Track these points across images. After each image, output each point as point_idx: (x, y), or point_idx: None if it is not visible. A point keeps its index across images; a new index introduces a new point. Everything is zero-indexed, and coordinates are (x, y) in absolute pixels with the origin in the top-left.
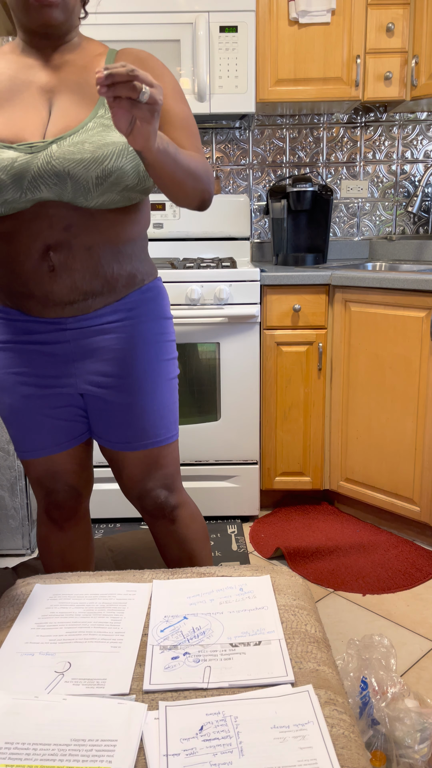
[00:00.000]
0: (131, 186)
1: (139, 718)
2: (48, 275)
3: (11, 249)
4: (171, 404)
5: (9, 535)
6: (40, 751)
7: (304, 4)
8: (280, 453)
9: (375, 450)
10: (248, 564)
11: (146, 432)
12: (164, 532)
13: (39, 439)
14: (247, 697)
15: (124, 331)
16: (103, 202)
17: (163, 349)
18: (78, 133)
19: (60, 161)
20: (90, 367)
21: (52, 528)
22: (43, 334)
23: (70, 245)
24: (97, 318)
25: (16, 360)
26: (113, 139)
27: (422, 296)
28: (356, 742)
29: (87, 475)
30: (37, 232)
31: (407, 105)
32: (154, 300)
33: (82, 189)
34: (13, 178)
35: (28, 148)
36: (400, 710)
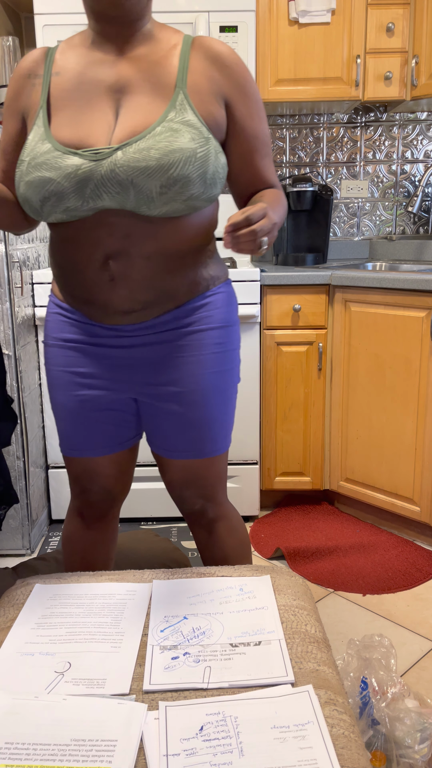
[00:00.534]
0: (197, 195)
1: (139, 718)
2: (107, 284)
3: (74, 255)
4: (220, 417)
5: (9, 535)
6: (40, 751)
7: (304, 4)
8: (280, 453)
9: (375, 450)
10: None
11: (190, 443)
12: (200, 539)
13: (84, 440)
14: (247, 697)
15: (180, 339)
16: (166, 212)
17: (220, 360)
18: (145, 138)
19: (124, 169)
20: (144, 374)
21: (79, 525)
22: (101, 338)
23: (129, 254)
24: (154, 326)
25: (74, 360)
26: (181, 144)
27: (422, 296)
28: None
29: (125, 481)
30: (98, 240)
31: (407, 105)
32: (217, 307)
33: (145, 198)
34: (75, 186)
35: (93, 155)
36: (400, 710)
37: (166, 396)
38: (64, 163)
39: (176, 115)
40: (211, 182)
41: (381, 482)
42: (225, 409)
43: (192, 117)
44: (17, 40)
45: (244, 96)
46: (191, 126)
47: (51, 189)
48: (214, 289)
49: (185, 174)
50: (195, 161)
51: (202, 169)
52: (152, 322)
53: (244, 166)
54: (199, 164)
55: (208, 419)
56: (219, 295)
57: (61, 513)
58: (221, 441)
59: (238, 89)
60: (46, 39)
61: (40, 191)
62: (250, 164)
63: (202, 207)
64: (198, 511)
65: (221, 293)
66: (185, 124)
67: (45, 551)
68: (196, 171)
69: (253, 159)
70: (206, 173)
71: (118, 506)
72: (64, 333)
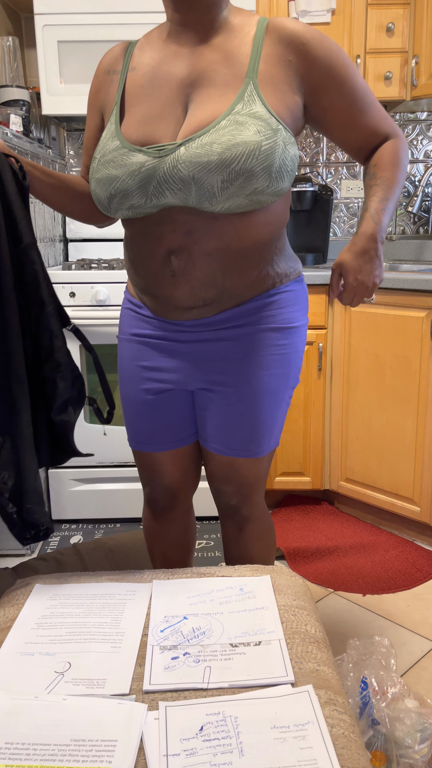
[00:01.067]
0: (261, 189)
1: (139, 718)
2: (170, 280)
3: (141, 251)
4: (269, 420)
5: (9, 535)
6: (40, 751)
7: (304, 4)
8: (280, 453)
9: (375, 450)
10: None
11: (235, 442)
12: (230, 534)
13: (147, 436)
14: (247, 698)
15: (237, 338)
16: (229, 207)
17: (279, 362)
18: (208, 133)
19: (186, 165)
20: (201, 370)
21: (149, 515)
22: (166, 332)
23: (191, 251)
24: (215, 323)
25: (142, 354)
26: (245, 138)
27: (422, 296)
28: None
29: (186, 478)
30: (161, 236)
31: (407, 105)
32: (281, 306)
33: (207, 194)
34: (139, 183)
35: (156, 152)
36: (400, 710)
37: (219, 393)
38: (129, 160)
39: (243, 107)
40: (277, 176)
41: (381, 482)
42: (275, 413)
43: (260, 108)
44: (17, 40)
45: (328, 68)
46: (258, 118)
47: (117, 187)
48: (281, 287)
49: (248, 168)
50: (259, 155)
51: (267, 162)
52: (213, 318)
53: (350, 129)
54: (264, 157)
55: (256, 421)
56: (285, 294)
57: (61, 513)
58: (266, 443)
59: (320, 64)
60: (46, 39)
61: (107, 189)
62: (356, 125)
63: (267, 202)
64: (233, 506)
65: (288, 292)
66: (252, 116)
67: (45, 551)
68: (260, 165)
69: (356, 120)
70: (272, 166)
71: (183, 503)
72: (133, 328)
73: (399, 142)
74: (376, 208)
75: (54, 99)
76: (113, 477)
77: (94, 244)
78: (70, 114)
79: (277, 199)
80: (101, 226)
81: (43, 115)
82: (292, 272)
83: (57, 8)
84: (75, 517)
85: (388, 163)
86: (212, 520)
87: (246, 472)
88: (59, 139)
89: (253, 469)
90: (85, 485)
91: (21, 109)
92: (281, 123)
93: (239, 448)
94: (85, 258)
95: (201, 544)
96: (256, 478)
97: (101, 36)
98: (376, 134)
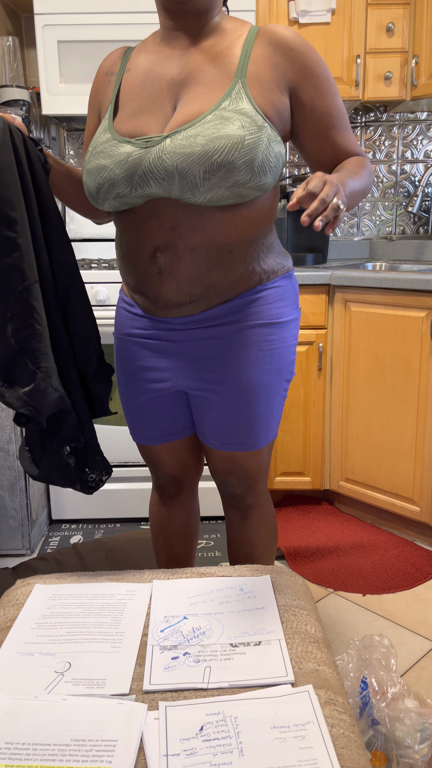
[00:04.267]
0: (242, 182)
1: (139, 718)
2: (156, 277)
3: (130, 248)
4: (264, 414)
5: (9, 535)
6: (40, 751)
7: (304, 3)
8: (280, 453)
9: (375, 450)
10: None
11: (233, 437)
12: (234, 524)
13: (143, 430)
14: (247, 697)
15: (225, 335)
16: (211, 198)
17: (268, 357)
18: (194, 126)
19: (170, 155)
20: (191, 367)
21: (156, 499)
22: (156, 331)
23: (176, 247)
24: (203, 320)
25: (134, 352)
26: (228, 132)
27: (422, 296)
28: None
29: (187, 467)
30: (148, 232)
31: (407, 105)
32: (267, 302)
33: (189, 184)
34: (126, 172)
35: (144, 143)
36: (400, 710)
37: (212, 391)
38: (117, 150)
39: (230, 104)
40: (259, 170)
41: (381, 482)
42: (270, 407)
43: (247, 105)
44: (17, 40)
45: (311, 77)
46: (244, 114)
47: (104, 176)
48: (269, 283)
49: (230, 160)
50: (242, 148)
51: (250, 156)
52: (200, 316)
53: (323, 144)
54: (246, 151)
55: (252, 416)
56: (273, 290)
57: (61, 513)
58: (264, 436)
59: (304, 72)
60: (46, 39)
61: (96, 178)
62: (329, 142)
63: (251, 196)
64: (238, 495)
65: (275, 288)
66: (238, 112)
67: (45, 551)
68: (242, 158)
69: (330, 136)
70: (254, 161)
71: (189, 488)
72: (126, 327)
73: (366, 162)
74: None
75: (54, 99)
76: (114, 477)
77: (94, 244)
78: (70, 114)
79: (261, 194)
80: (100, 223)
81: (43, 115)
82: (280, 268)
83: (57, 8)
84: (75, 517)
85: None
86: (212, 520)
87: (247, 464)
88: (59, 139)
89: (254, 461)
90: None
91: (21, 109)
92: (267, 121)
93: (237, 443)
94: (85, 258)
95: (201, 544)
96: (258, 468)
97: (101, 36)
98: (347, 153)
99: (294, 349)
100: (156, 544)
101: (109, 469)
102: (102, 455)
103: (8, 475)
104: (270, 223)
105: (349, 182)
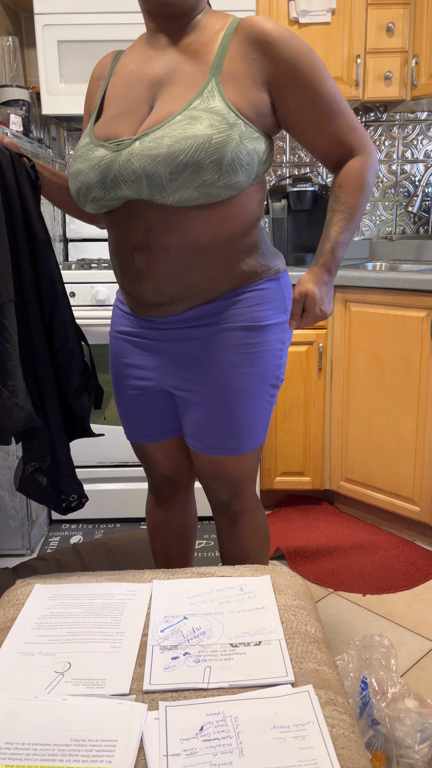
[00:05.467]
0: (210, 182)
1: (139, 718)
2: (136, 276)
3: (112, 247)
4: (246, 418)
5: (9, 535)
6: (40, 751)
7: (304, 3)
8: (281, 453)
9: (375, 450)
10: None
11: (216, 440)
12: (224, 530)
13: (134, 427)
14: (247, 698)
15: (205, 337)
16: (180, 199)
17: (247, 360)
18: (162, 127)
19: (138, 158)
20: (174, 369)
21: (152, 502)
22: (143, 330)
23: (151, 247)
24: (183, 321)
25: (124, 351)
26: (195, 131)
27: (422, 296)
28: (356, 742)
29: (180, 467)
30: (127, 232)
31: (407, 105)
32: (248, 305)
33: (157, 185)
34: (99, 176)
35: (116, 146)
36: (400, 710)
37: (192, 392)
38: (92, 154)
39: (201, 103)
40: (229, 169)
41: (381, 482)
42: (252, 411)
43: (218, 104)
44: (17, 40)
45: (291, 70)
46: (215, 113)
47: (81, 180)
48: (252, 285)
49: (196, 160)
50: (208, 147)
51: (217, 155)
52: (181, 316)
53: (315, 135)
54: (213, 150)
55: (232, 419)
56: (255, 293)
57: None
58: (248, 440)
59: (283, 66)
60: (46, 39)
61: (75, 182)
62: (320, 132)
63: (222, 195)
64: (225, 502)
65: (259, 290)
66: (208, 111)
67: (45, 551)
68: (209, 157)
69: (321, 126)
70: (222, 159)
71: (184, 490)
72: (118, 325)
73: (367, 160)
74: (336, 239)
75: (54, 99)
76: (113, 477)
77: (94, 244)
78: (70, 114)
79: (234, 193)
80: (102, 227)
81: (43, 115)
82: (265, 270)
83: (57, 8)
84: (75, 517)
85: (353, 187)
86: (212, 520)
87: (231, 469)
88: (59, 139)
89: (238, 466)
90: (85, 485)
91: (21, 109)
92: (241, 118)
93: (217, 446)
94: (85, 258)
95: (201, 544)
96: (243, 474)
97: (101, 36)
98: (341, 144)
99: (281, 353)
100: (153, 546)
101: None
102: (73, 477)
103: (8, 475)
104: (250, 223)
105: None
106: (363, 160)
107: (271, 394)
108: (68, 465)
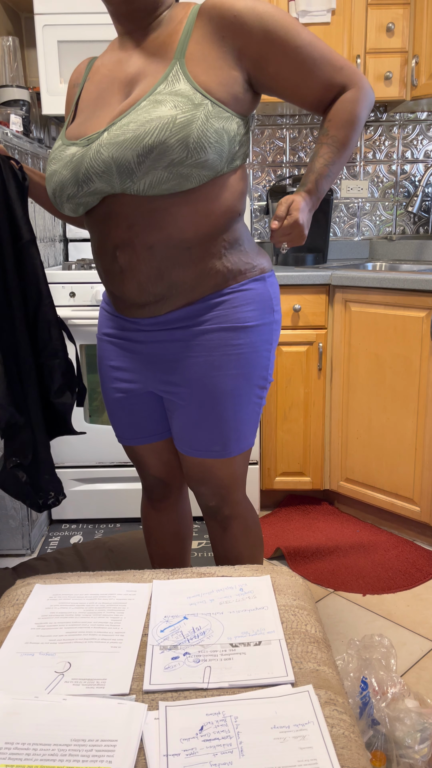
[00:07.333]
0: (179, 160)
1: (139, 718)
2: (119, 276)
3: (94, 247)
4: (231, 420)
5: (9, 535)
6: (40, 751)
7: (304, 4)
8: (281, 453)
9: (375, 450)
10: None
11: (202, 443)
12: (215, 535)
13: (123, 429)
14: (247, 698)
15: (189, 338)
16: (151, 182)
17: (232, 362)
18: (128, 114)
19: (106, 147)
20: (159, 371)
21: (146, 503)
22: (127, 331)
23: (133, 245)
24: (167, 322)
25: (110, 353)
26: (159, 113)
27: (422, 296)
28: (356, 743)
29: (171, 469)
30: (108, 231)
31: (407, 105)
32: (234, 306)
33: (126, 171)
34: (71, 172)
35: (85, 142)
36: (400, 710)
37: (178, 395)
38: (64, 153)
39: (166, 87)
40: (196, 146)
41: (381, 482)
42: (238, 414)
43: (184, 86)
44: (17, 40)
45: (265, 34)
46: (179, 95)
47: (55, 180)
48: (236, 285)
49: (161, 140)
50: (173, 127)
51: (183, 134)
52: (165, 317)
53: (303, 89)
54: (178, 129)
55: (218, 422)
56: (240, 293)
57: (61, 513)
58: (234, 444)
59: (256, 33)
60: (46, 39)
61: (50, 184)
62: (308, 84)
63: (194, 175)
64: (213, 507)
65: (243, 291)
66: (173, 94)
67: (45, 551)
68: (174, 136)
69: (307, 78)
70: (188, 137)
71: (177, 492)
72: (104, 326)
73: (359, 93)
74: (320, 171)
75: (54, 99)
76: (113, 477)
77: None
78: None
79: (207, 173)
80: None
81: (43, 115)
82: (250, 269)
83: (57, 8)
84: (75, 517)
85: (343, 121)
86: None
87: (219, 472)
88: None
89: (226, 470)
90: (85, 485)
91: (21, 109)
92: (208, 98)
93: (204, 449)
94: (85, 258)
95: (201, 544)
96: (231, 478)
97: (101, 36)
98: (330, 87)
99: (268, 354)
100: (149, 547)
101: (61, 489)
102: (53, 474)
103: None
104: (233, 218)
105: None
106: (354, 93)
107: (258, 395)
108: (48, 462)
